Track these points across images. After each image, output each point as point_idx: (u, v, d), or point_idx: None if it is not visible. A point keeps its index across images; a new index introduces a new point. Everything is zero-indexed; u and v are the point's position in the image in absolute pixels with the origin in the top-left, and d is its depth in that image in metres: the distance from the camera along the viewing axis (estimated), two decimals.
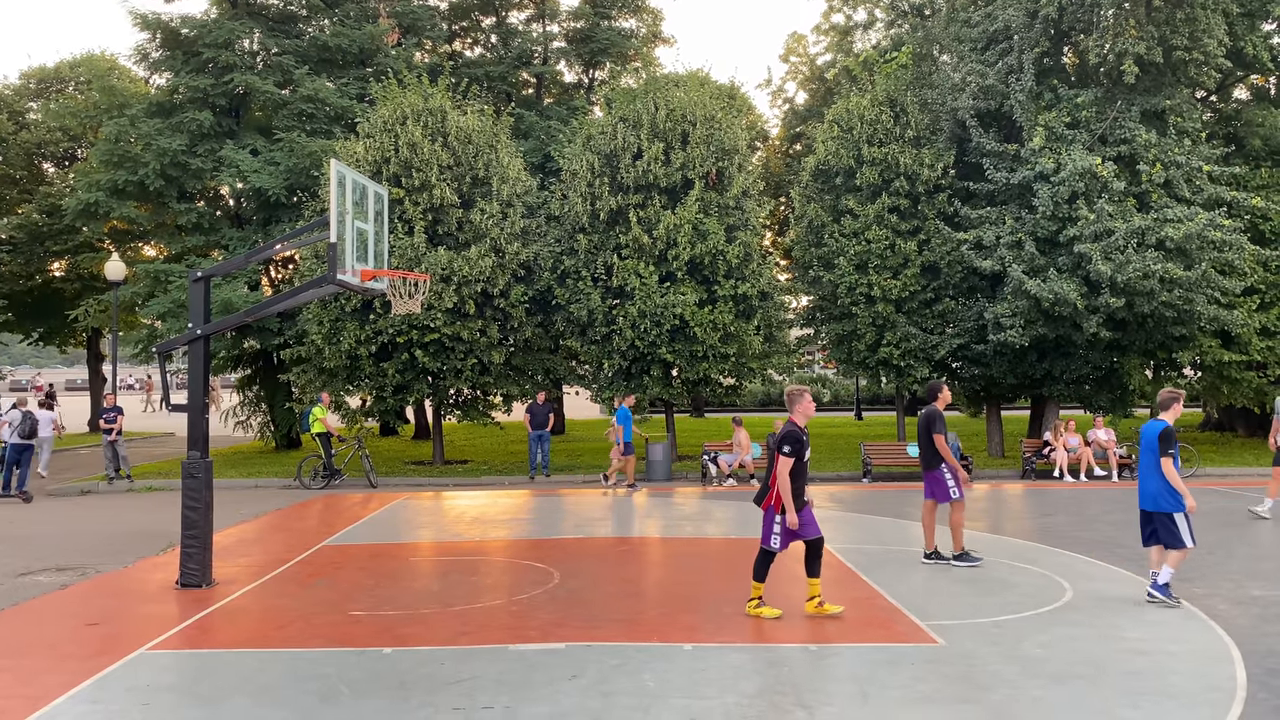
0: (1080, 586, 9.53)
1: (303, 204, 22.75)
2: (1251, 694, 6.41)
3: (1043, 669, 6.96)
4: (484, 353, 19.91)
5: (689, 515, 14.30)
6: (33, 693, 6.59)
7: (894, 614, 8.49)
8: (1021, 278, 18.57)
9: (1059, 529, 13.06)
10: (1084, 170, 18.60)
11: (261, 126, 25.39)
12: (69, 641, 7.95)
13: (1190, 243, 18.28)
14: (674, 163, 19.79)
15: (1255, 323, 20.51)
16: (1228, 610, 8.58)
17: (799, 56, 36.60)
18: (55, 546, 12.55)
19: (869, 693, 6.48)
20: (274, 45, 25.05)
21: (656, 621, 8.34)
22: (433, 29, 28.33)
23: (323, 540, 12.56)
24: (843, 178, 21.54)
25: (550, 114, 28.82)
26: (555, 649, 7.51)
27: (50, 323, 33.49)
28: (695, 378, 20.03)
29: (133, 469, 20.47)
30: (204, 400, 10.11)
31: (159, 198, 24.27)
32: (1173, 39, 19.28)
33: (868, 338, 20.95)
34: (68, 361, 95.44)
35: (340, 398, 20.61)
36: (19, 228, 29.93)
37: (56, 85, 33.71)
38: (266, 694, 6.56)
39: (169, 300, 22.35)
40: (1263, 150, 22.58)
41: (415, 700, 6.40)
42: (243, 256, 11.52)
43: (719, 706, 6.23)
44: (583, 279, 19.97)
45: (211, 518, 10.16)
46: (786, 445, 8.17)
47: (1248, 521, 13.54)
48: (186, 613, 8.84)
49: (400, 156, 19.64)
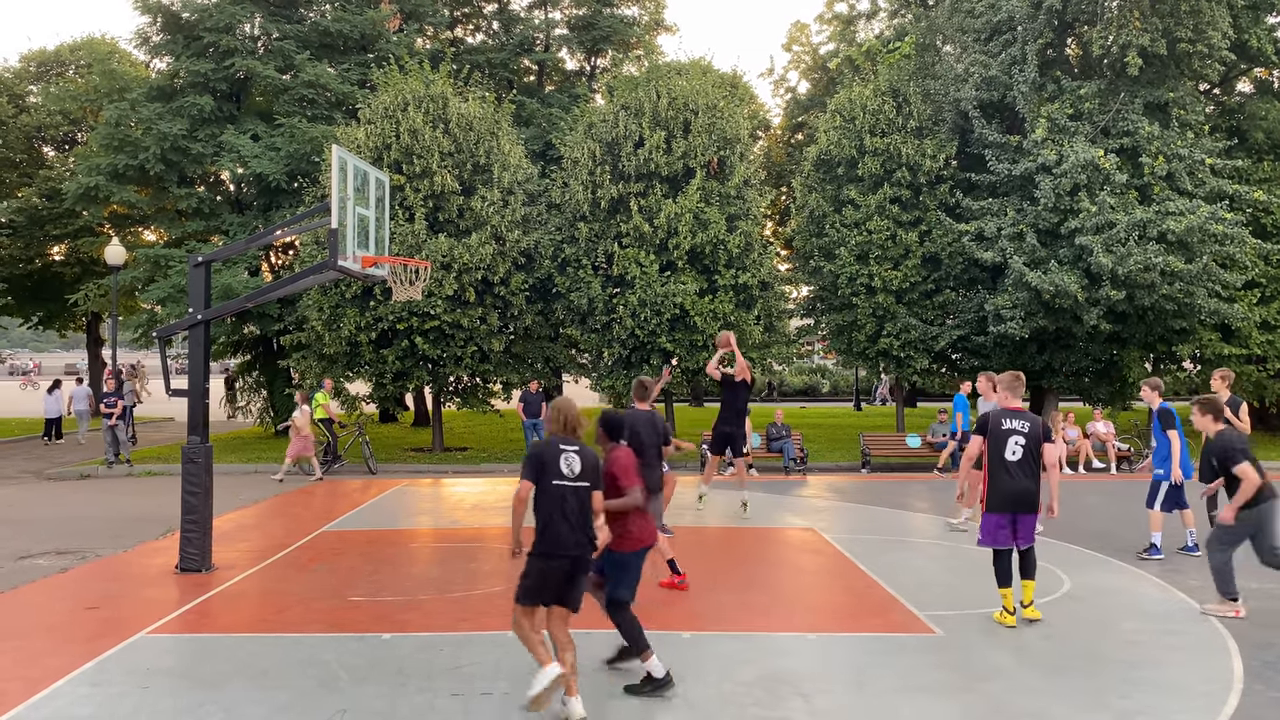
0: (1078, 578, 9.56)
1: (303, 190, 22.70)
2: (1248, 686, 6.43)
3: (1040, 660, 6.98)
4: (484, 340, 19.90)
5: (688, 503, 14.31)
6: (32, 675, 6.61)
7: (892, 604, 8.50)
8: (1022, 269, 18.55)
9: (1057, 521, 13.04)
10: (1086, 162, 18.57)
11: (262, 112, 25.31)
12: (68, 625, 7.96)
13: (1192, 236, 18.26)
14: (675, 151, 19.74)
15: (1256, 316, 20.51)
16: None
17: (801, 45, 36.52)
18: (55, 530, 12.57)
19: (866, 682, 6.50)
20: (275, 30, 24.94)
21: (655, 609, 8.34)
22: (434, 15, 28.21)
23: (322, 526, 12.58)
24: (844, 168, 21.50)
25: (552, 101, 28.74)
26: None
27: (50, 307, 33.44)
28: (695, 367, 20.03)
29: (132, 453, 20.46)
30: (190, 383, 10.12)
31: (159, 182, 24.21)
32: (1176, 31, 19.22)
33: (868, 328, 20.94)
34: (67, 346, 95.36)
35: (340, 384, 20.62)
36: (19, 211, 29.85)
37: (57, 69, 33.57)
38: (265, 678, 6.58)
39: (169, 285, 22.32)
40: (1265, 144, 22.53)
41: (413, 686, 6.42)
42: (243, 242, 11.50)
43: (716, 694, 6.25)
44: (583, 267, 19.95)
45: (211, 502, 10.17)
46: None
47: None
48: (186, 597, 8.86)
49: (401, 143, 19.59)
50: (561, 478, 5.93)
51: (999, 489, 7.83)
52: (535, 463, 5.95)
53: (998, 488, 7.84)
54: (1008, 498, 7.81)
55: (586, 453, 6.07)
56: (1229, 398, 11.28)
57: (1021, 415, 7.97)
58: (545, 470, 5.92)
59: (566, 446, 6.04)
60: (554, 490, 5.89)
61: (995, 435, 7.89)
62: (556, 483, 5.91)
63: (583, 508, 5.99)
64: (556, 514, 5.87)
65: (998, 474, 7.85)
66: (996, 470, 7.86)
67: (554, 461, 5.95)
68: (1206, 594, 8.93)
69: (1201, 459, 8.66)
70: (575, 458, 6.01)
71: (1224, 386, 11.33)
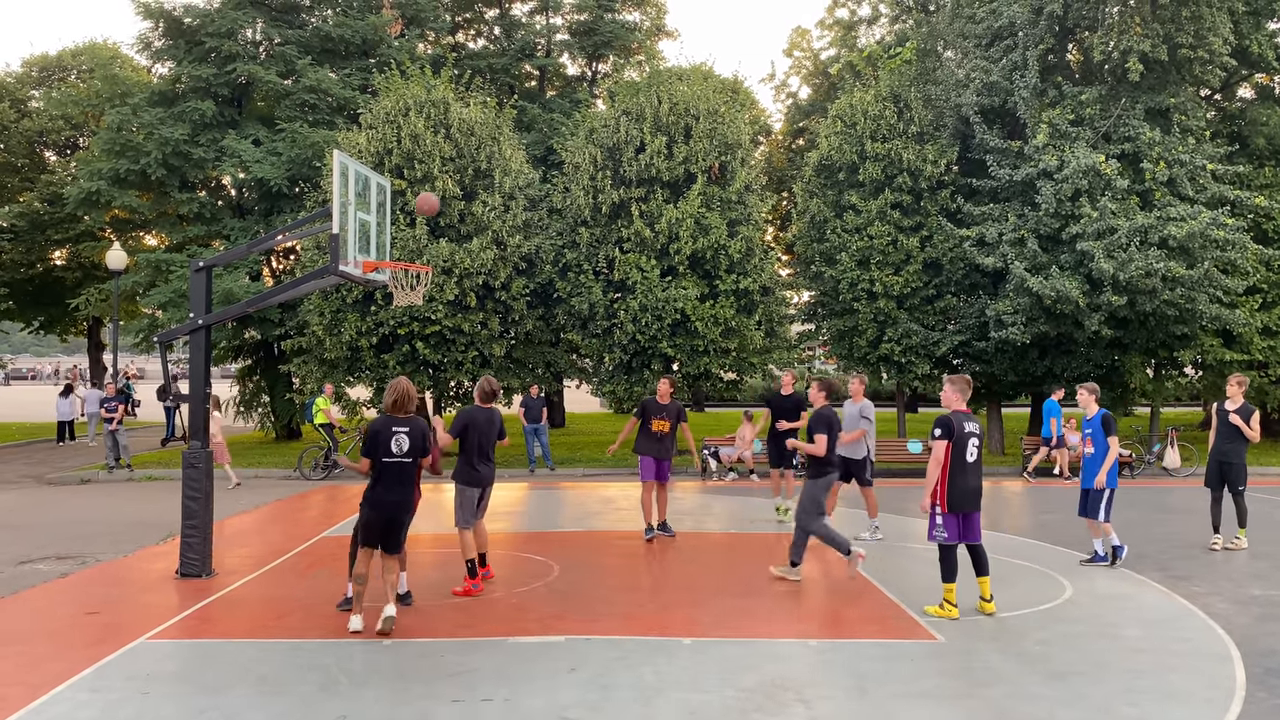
0: (1080, 584, 9.54)
1: (304, 195, 22.73)
2: (1250, 693, 6.41)
3: (1042, 666, 6.97)
4: (485, 345, 19.90)
5: (689, 509, 14.31)
6: (33, 680, 6.60)
7: (893, 610, 8.49)
8: (1023, 275, 18.55)
9: (1058, 526, 13.06)
10: (1087, 168, 18.57)
11: (264, 117, 25.35)
12: (69, 630, 7.95)
13: (1193, 241, 18.26)
14: (676, 156, 19.75)
15: (1257, 322, 20.48)
16: (1227, 609, 8.58)
17: (803, 51, 36.54)
18: (55, 535, 12.56)
19: (868, 688, 6.48)
20: (277, 35, 24.98)
21: (656, 615, 8.34)
22: (436, 20, 28.26)
23: (323, 531, 12.57)
24: (845, 173, 21.51)
25: (553, 106, 28.77)
26: (555, 641, 7.51)
27: (51, 311, 33.48)
28: (696, 372, 20.02)
29: (133, 458, 20.47)
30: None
31: (160, 187, 24.23)
32: (1178, 37, 19.23)
33: (869, 334, 20.93)
34: (68, 350, 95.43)
35: (341, 389, 20.61)
36: (20, 216, 29.89)
37: (59, 73, 33.64)
38: (266, 683, 6.56)
39: (170, 290, 22.33)
40: (1266, 149, 22.52)
41: (415, 691, 6.41)
42: (244, 247, 11.50)
43: (718, 700, 6.23)
44: (584, 272, 19.95)
45: (212, 507, 10.16)
46: None
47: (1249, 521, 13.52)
48: (186, 602, 8.84)
49: (402, 148, 19.61)
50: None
51: (960, 488, 8.23)
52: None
53: (958, 487, 8.23)
54: (967, 496, 8.26)
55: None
56: (1241, 405, 11.23)
57: (972, 418, 8.51)
58: None
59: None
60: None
61: (959, 438, 8.23)
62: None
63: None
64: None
65: (959, 475, 8.24)
66: (958, 471, 8.23)
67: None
68: (1210, 600, 8.92)
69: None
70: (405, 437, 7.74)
71: (1239, 393, 11.28)
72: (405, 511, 7.89)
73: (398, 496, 7.78)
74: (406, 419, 7.84)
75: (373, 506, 7.75)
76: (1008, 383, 21.69)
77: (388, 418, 7.81)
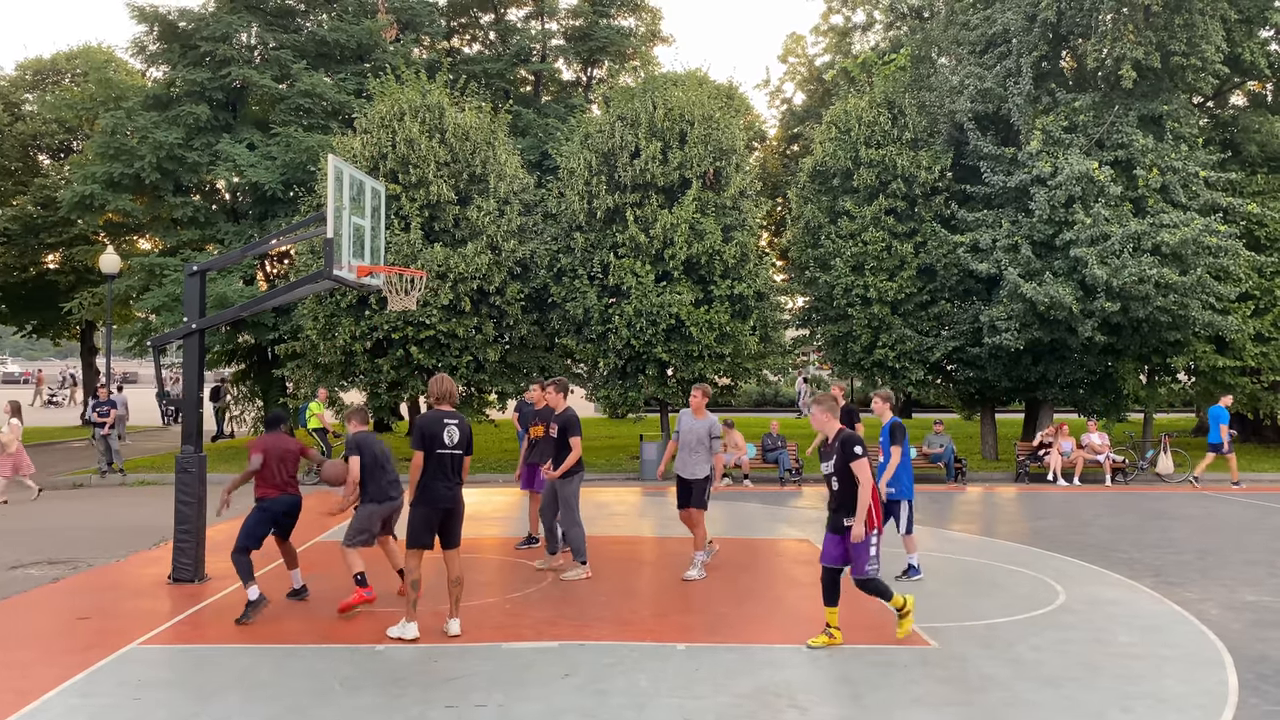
0: (1073, 590, 9.55)
1: (299, 199, 22.68)
2: (1243, 699, 6.43)
3: (1036, 672, 6.97)
4: (479, 350, 19.88)
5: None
6: (23, 686, 6.57)
7: (887, 616, 8.49)
8: (1017, 281, 18.59)
9: (1052, 532, 13.08)
10: (1081, 174, 18.63)
11: (258, 121, 25.33)
12: (60, 635, 7.92)
13: (1186, 248, 18.31)
14: (671, 162, 19.77)
15: (1249, 328, 20.55)
16: (1220, 615, 8.61)
17: (797, 57, 36.62)
18: (47, 540, 12.51)
19: (862, 694, 6.48)
20: (272, 39, 24.97)
21: (650, 621, 8.33)
22: (431, 25, 28.27)
23: (316, 536, 12.53)
24: (840, 179, 21.55)
25: (548, 112, 28.78)
26: (549, 647, 7.50)
27: (44, 315, 33.36)
28: (691, 377, 20.01)
29: (125, 463, 20.40)
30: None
31: (155, 191, 24.18)
32: (1171, 44, 19.31)
33: (863, 339, 20.96)
34: (61, 354, 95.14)
35: (335, 394, 20.56)
36: (13, 219, 29.80)
37: (53, 77, 33.56)
38: (258, 689, 6.54)
39: (164, 294, 22.27)
40: (1259, 156, 22.62)
41: (408, 698, 6.39)
42: (239, 251, 11.49)
43: (712, 706, 6.23)
44: (579, 277, 19.95)
45: (205, 512, 10.14)
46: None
47: (1240, 527, 13.57)
48: (178, 608, 8.82)
49: (397, 152, 19.60)
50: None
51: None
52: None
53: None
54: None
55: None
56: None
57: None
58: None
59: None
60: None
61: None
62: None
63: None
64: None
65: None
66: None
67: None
68: (1203, 606, 8.94)
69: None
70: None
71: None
72: (459, 503, 7.94)
73: (451, 489, 7.85)
74: (454, 412, 7.96)
75: (427, 501, 7.77)
76: (1001, 388, 21.72)
77: (437, 411, 7.91)
